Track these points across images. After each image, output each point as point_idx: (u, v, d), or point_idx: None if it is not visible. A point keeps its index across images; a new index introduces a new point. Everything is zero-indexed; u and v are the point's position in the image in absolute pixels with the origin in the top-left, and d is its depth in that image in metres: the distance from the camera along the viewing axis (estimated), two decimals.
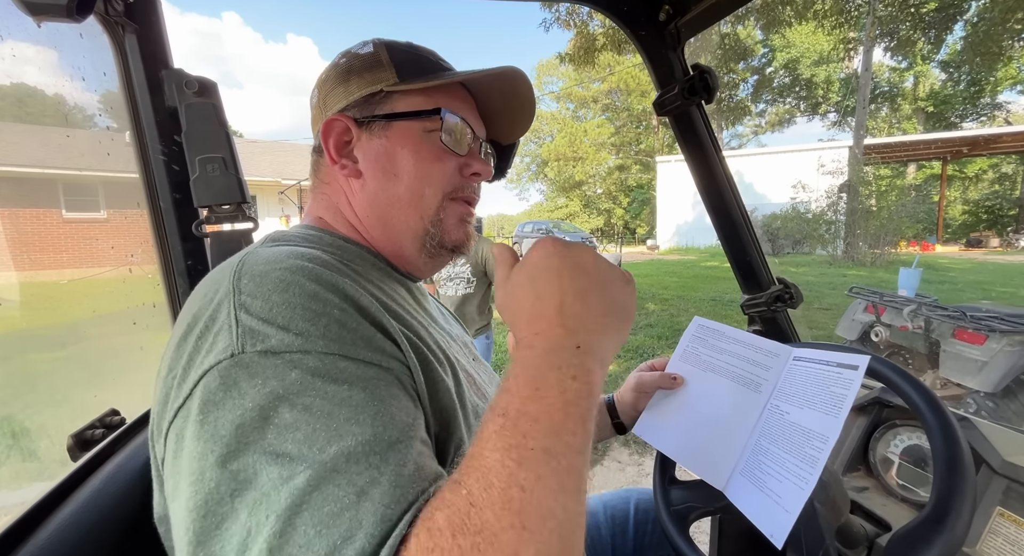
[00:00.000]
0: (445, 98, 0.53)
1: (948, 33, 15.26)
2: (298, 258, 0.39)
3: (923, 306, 2.88)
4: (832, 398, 0.54)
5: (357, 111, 0.52)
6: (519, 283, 0.40)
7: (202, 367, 0.33)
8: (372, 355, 0.37)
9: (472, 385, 0.52)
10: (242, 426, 0.31)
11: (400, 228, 0.53)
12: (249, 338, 0.33)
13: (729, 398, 0.64)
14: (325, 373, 0.33)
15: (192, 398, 0.33)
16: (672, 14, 0.83)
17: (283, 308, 0.35)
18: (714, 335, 0.70)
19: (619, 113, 32.60)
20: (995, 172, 24.60)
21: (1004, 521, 0.58)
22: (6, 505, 0.57)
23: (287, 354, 0.33)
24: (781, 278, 1.01)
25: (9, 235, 0.87)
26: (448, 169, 0.53)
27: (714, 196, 0.95)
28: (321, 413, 0.31)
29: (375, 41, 0.55)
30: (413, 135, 0.52)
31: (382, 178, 0.52)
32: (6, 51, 0.61)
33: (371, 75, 0.52)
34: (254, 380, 0.32)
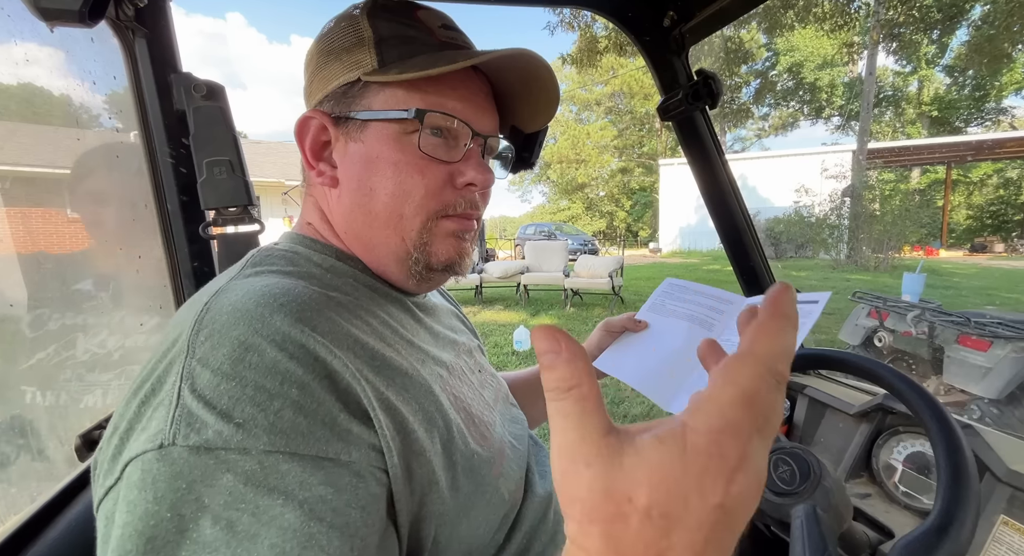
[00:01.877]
0: (438, 87, 0.43)
1: (952, 37, 15.24)
2: (268, 305, 0.34)
3: (927, 312, 2.87)
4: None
5: (334, 104, 0.44)
6: (646, 509, 0.18)
7: (131, 451, 0.29)
8: (328, 447, 0.31)
9: (471, 426, 0.46)
10: (153, 540, 0.26)
11: (380, 250, 0.46)
12: (183, 426, 0.29)
13: (684, 334, 0.69)
14: (261, 480, 0.29)
15: (119, 484, 0.29)
16: (676, 20, 0.84)
17: (232, 385, 0.30)
18: (682, 290, 0.77)
19: (622, 116, 32.62)
20: (1000, 177, 24.50)
21: (1008, 530, 0.58)
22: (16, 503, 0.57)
23: (222, 451, 0.29)
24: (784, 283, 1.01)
25: (17, 234, 0.88)
26: (434, 182, 0.44)
27: (717, 200, 0.95)
28: (245, 535, 0.27)
29: (363, 4, 0.45)
30: (391, 140, 0.43)
31: (357, 190, 0.44)
32: (19, 54, 0.62)
33: (349, 58, 0.43)
34: (177, 482, 0.28)
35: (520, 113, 0.53)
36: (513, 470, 0.50)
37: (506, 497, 0.46)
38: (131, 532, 0.27)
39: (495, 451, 0.47)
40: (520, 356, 4.29)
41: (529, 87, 0.48)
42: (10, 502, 0.59)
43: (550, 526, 0.51)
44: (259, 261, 0.43)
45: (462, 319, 0.69)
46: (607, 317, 0.80)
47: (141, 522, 0.27)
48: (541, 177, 36.64)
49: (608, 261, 6.85)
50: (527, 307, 6.75)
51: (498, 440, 0.50)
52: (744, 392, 0.19)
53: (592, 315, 6.16)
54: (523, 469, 0.53)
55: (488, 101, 0.48)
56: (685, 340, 0.68)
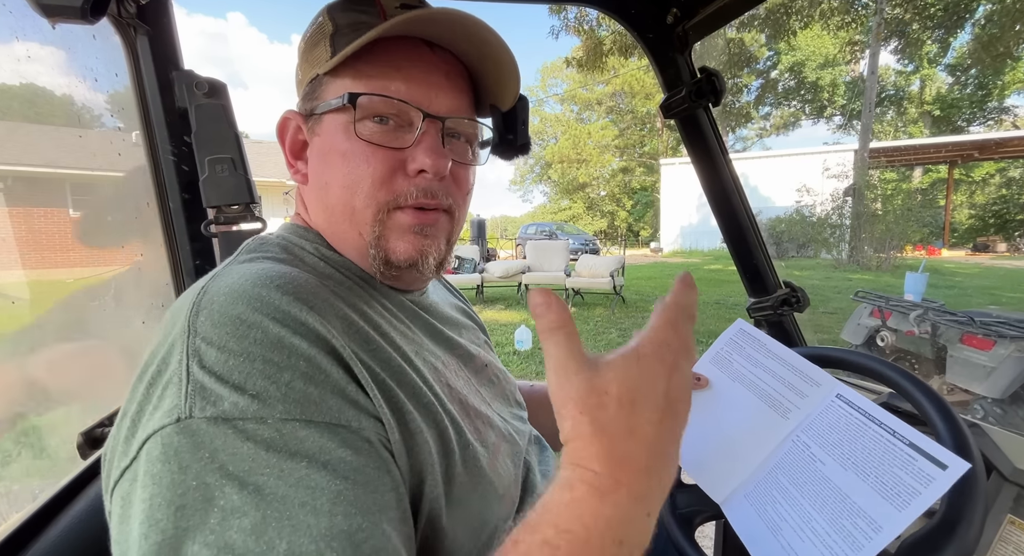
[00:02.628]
0: (382, 69, 0.41)
1: (955, 36, 15.21)
2: (266, 286, 0.34)
3: (930, 311, 2.86)
4: (898, 485, 0.45)
5: (303, 103, 0.45)
6: (616, 396, 0.29)
7: (147, 428, 0.30)
8: (340, 414, 0.32)
9: (465, 418, 0.46)
10: (182, 508, 0.27)
11: (346, 245, 0.46)
12: (199, 399, 0.29)
13: (751, 415, 0.59)
14: (282, 446, 0.29)
15: (137, 462, 0.29)
16: (680, 17, 0.83)
17: (241, 360, 0.31)
18: (753, 344, 0.64)
19: (623, 116, 32.60)
20: (1002, 176, 24.43)
21: (1015, 529, 0.57)
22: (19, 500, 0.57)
23: (240, 421, 0.29)
24: (788, 282, 1.01)
25: (19, 233, 0.88)
26: (381, 170, 0.42)
27: (721, 199, 0.94)
28: (273, 497, 0.27)
29: (322, 9, 0.45)
30: (339, 130, 0.42)
31: (315, 185, 0.45)
32: (21, 51, 0.62)
33: (312, 55, 0.44)
34: (199, 452, 0.28)
35: (489, 87, 0.49)
36: (509, 467, 0.49)
37: (501, 492, 0.46)
38: (160, 502, 0.27)
39: (491, 446, 0.47)
40: (521, 355, 4.28)
41: (485, 55, 0.45)
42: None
43: None
44: (254, 248, 0.44)
45: (470, 314, 0.67)
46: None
47: (169, 491, 0.27)
48: (542, 177, 36.65)
49: (609, 261, 6.84)
50: (528, 307, 6.74)
51: (495, 436, 0.49)
52: (672, 321, 0.32)
53: (593, 314, 6.16)
54: (520, 468, 0.52)
55: (447, 80, 0.45)
56: (749, 423, 0.58)
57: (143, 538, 0.27)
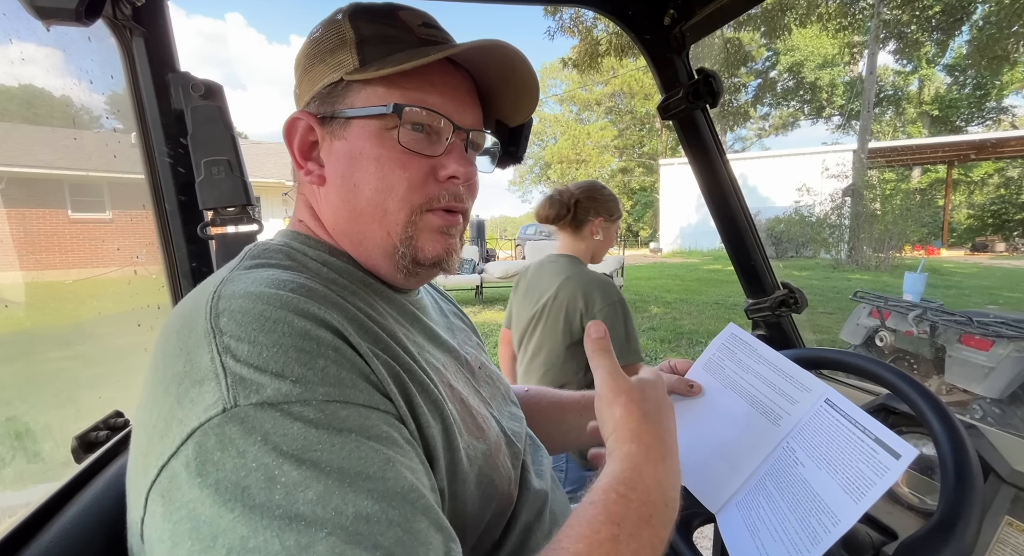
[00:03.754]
0: (417, 83, 0.44)
1: (954, 37, 15.25)
2: (278, 287, 0.36)
3: (928, 311, 2.86)
4: (858, 478, 0.48)
5: (319, 104, 0.46)
6: (652, 398, 0.45)
7: (189, 423, 0.30)
8: (371, 398, 0.34)
9: (467, 417, 0.47)
10: (247, 489, 0.28)
11: (368, 245, 0.47)
12: (242, 389, 0.30)
13: (744, 423, 0.60)
14: (328, 424, 0.31)
15: (178, 457, 0.30)
16: (677, 18, 0.83)
17: (274, 351, 0.32)
18: (744, 349, 0.65)
19: (622, 116, 32.62)
20: (1001, 176, 24.46)
21: (1012, 531, 0.57)
22: (11, 506, 0.57)
23: (286, 405, 0.30)
24: (785, 283, 1.01)
25: (16, 235, 0.88)
26: (416, 176, 0.45)
27: (718, 200, 0.94)
28: (331, 469, 0.29)
29: (338, 10, 0.47)
30: (372, 136, 0.44)
31: (343, 188, 0.46)
32: (15, 53, 0.62)
33: (333, 59, 0.45)
34: (253, 436, 0.29)
35: (503, 107, 0.53)
36: (508, 466, 0.50)
37: (501, 491, 0.47)
38: (227, 486, 0.28)
39: (491, 444, 0.48)
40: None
41: (508, 80, 0.49)
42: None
43: (546, 525, 0.51)
44: (257, 254, 0.45)
45: (461, 317, 0.68)
46: (658, 370, 0.69)
47: (233, 475, 0.28)
48: (542, 177, 36.66)
49: (608, 261, 6.84)
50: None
51: (494, 435, 0.50)
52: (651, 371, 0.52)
53: None
54: (519, 466, 0.53)
55: (470, 96, 0.49)
56: (743, 431, 0.59)
57: (217, 518, 0.28)
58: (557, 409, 0.75)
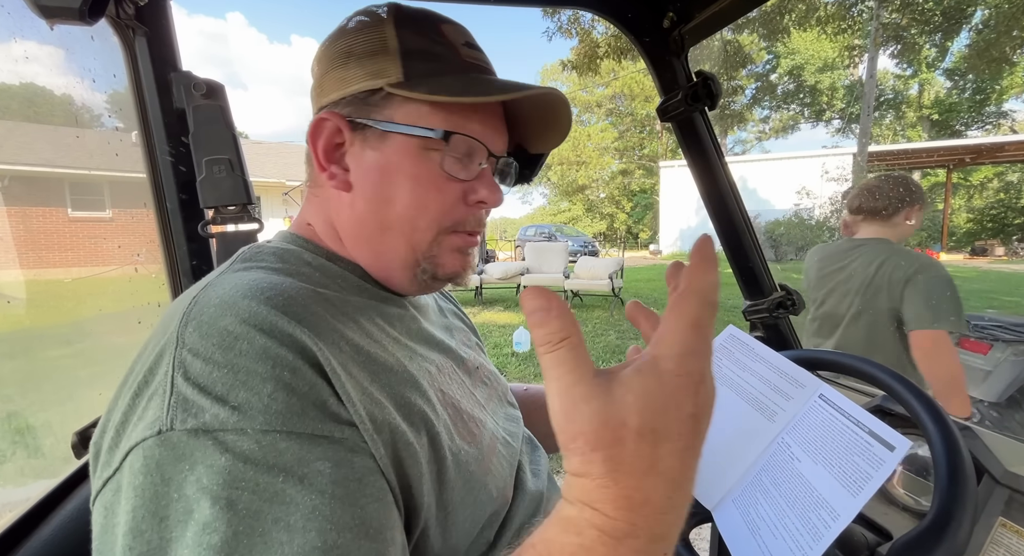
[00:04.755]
0: (461, 108, 0.44)
1: (953, 41, 15.29)
2: (255, 297, 0.35)
3: None
4: (855, 471, 0.48)
5: (352, 109, 0.44)
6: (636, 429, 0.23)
7: (131, 439, 0.30)
8: (323, 425, 0.32)
9: (459, 421, 0.46)
10: (165, 520, 0.27)
11: (389, 256, 0.46)
12: (180, 411, 0.30)
13: (739, 419, 0.60)
14: (260, 459, 0.29)
15: (121, 473, 0.30)
16: (676, 21, 0.84)
17: (224, 372, 0.31)
18: (742, 349, 0.65)
19: (623, 118, 32.67)
20: (1000, 181, 24.49)
21: (1006, 532, 0.58)
22: (12, 501, 0.57)
23: (220, 433, 0.29)
24: (783, 285, 1.01)
25: (17, 233, 0.88)
26: (449, 199, 0.45)
27: (716, 202, 0.95)
28: (247, 512, 0.27)
29: (377, 12, 0.45)
30: (411, 154, 0.44)
31: (372, 198, 0.45)
32: (19, 51, 0.62)
33: (372, 64, 0.43)
34: (179, 465, 0.28)
35: (529, 136, 0.53)
36: (503, 468, 0.50)
37: (495, 494, 0.46)
38: (144, 514, 0.28)
39: (484, 448, 0.48)
40: (520, 357, 4.28)
41: (545, 118, 0.50)
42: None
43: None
44: (249, 257, 0.44)
45: (461, 316, 0.68)
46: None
47: (152, 503, 0.28)
48: (541, 178, 36.65)
49: (608, 263, 6.85)
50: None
51: (488, 438, 0.50)
52: (694, 321, 0.24)
53: (592, 316, 6.16)
54: (514, 467, 0.52)
55: (502, 123, 0.49)
56: (738, 428, 0.59)
57: (128, 550, 0.27)
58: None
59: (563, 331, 0.24)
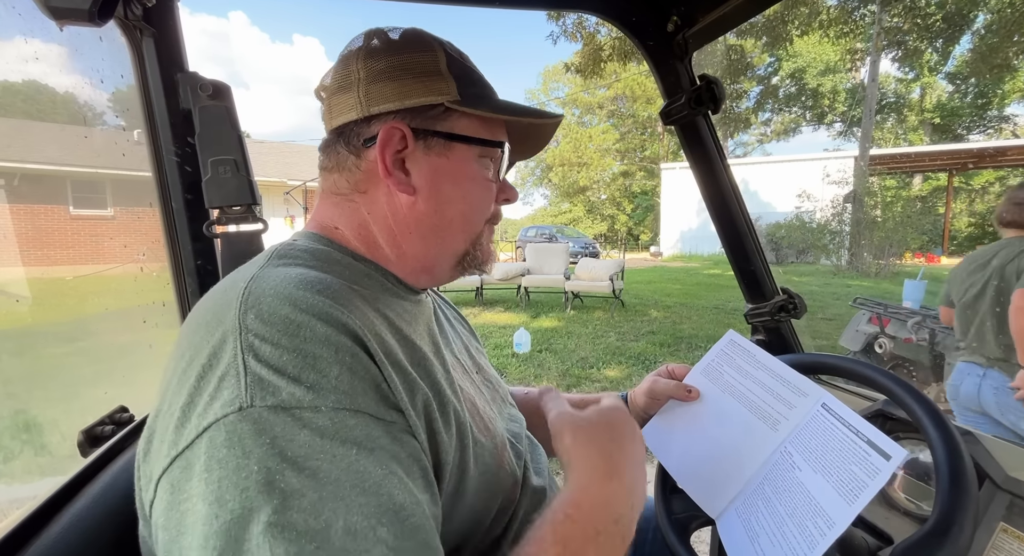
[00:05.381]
0: (496, 124, 0.53)
1: (955, 45, 15.29)
2: (307, 289, 0.38)
3: (928, 318, 2.87)
4: (851, 480, 0.48)
5: (413, 120, 0.48)
6: (598, 421, 0.48)
7: (206, 417, 0.32)
8: (380, 409, 0.35)
9: (476, 417, 0.50)
10: (247, 490, 0.29)
11: (443, 248, 0.52)
12: (259, 390, 0.32)
13: (742, 428, 0.60)
14: (334, 433, 0.32)
15: (193, 449, 0.31)
16: (680, 25, 0.84)
17: (294, 355, 0.33)
18: (743, 355, 0.65)
19: (624, 119, 32.67)
20: (1002, 185, 24.45)
21: (1007, 537, 0.58)
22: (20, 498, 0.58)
23: (297, 410, 0.32)
24: (785, 288, 1.02)
25: (24, 230, 0.89)
26: (492, 196, 0.54)
27: (719, 205, 0.95)
28: (327, 479, 0.30)
29: (426, 37, 0.51)
30: (471, 160, 0.51)
31: (437, 199, 0.50)
32: (29, 52, 0.63)
33: (431, 83, 0.48)
34: (261, 438, 0.30)
35: (513, 147, 0.59)
36: (513, 464, 0.53)
37: (505, 488, 0.50)
38: (228, 485, 0.29)
39: (498, 444, 0.51)
40: (520, 358, 4.28)
41: (529, 134, 0.57)
42: None
43: None
44: (284, 253, 0.46)
45: (462, 322, 0.71)
46: (655, 374, 0.73)
47: (235, 475, 0.29)
48: (543, 179, 36.69)
49: (609, 264, 6.85)
50: (527, 309, 6.75)
51: (500, 434, 0.52)
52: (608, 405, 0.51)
53: (592, 318, 6.16)
54: (521, 465, 0.55)
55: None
56: (741, 436, 0.59)
57: (213, 518, 0.29)
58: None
59: (554, 389, 0.52)
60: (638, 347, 4.70)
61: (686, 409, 0.65)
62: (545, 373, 3.88)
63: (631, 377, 3.82)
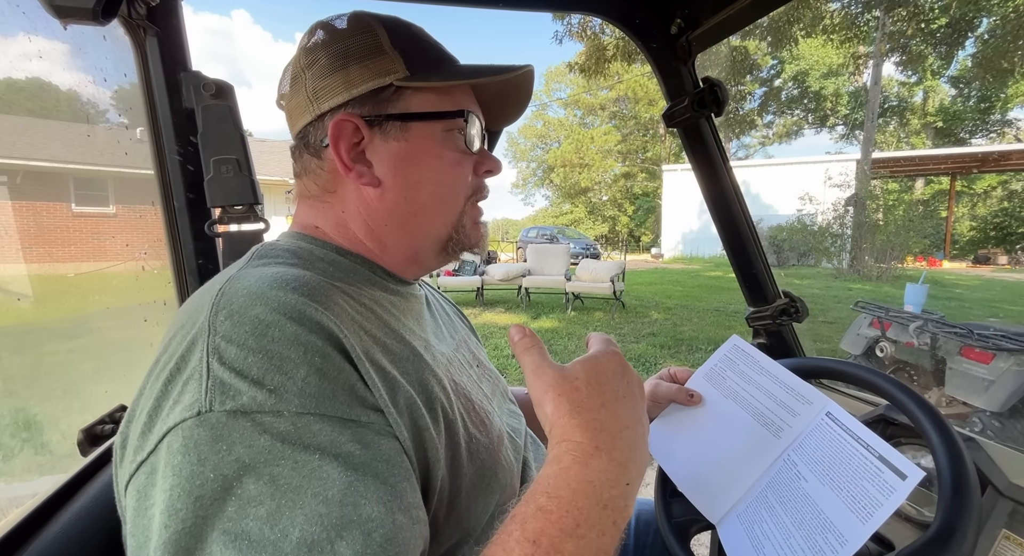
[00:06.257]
0: (461, 91, 0.49)
1: (959, 49, 15.28)
2: (282, 288, 0.36)
3: (929, 323, 2.86)
4: (864, 497, 0.47)
5: (364, 108, 0.46)
6: (585, 380, 0.37)
7: (167, 423, 0.31)
8: (351, 410, 0.34)
9: (471, 412, 0.48)
10: (201, 498, 0.28)
11: (422, 235, 0.50)
12: (219, 394, 0.31)
13: (744, 434, 0.59)
14: (296, 439, 0.31)
15: (156, 455, 0.31)
16: (683, 28, 0.84)
17: (259, 357, 0.32)
18: (746, 360, 0.64)
19: (626, 121, 32.67)
20: (1004, 189, 24.44)
21: (1009, 544, 0.57)
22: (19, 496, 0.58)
23: (257, 415, 0.30)
24: (787, 292, 1.01)
25: (27, 228, 0.89)
26: (467, 172, 0.50)
27: (721, 208, 0.95)
28: (288, 487, 0.29)
29: (364, 17, 0.48)
30: (434, 137, 0.47)
31: (404, 185, 0.47)
32: (32, 50, 0.63)
33: (375, 64, 0.45)
34: (218, 444, 0.29)
35: (489, 114, 0.56)
36: (511, 460, 0.51)
37: (504, 484, 0.48)
38: (179, 493, 0.28)
39: (494, 439, 0.49)
40: None
41: (506, 93, 0.54)
42: None
43: None
44: (264, 254, 0.45)
45: (462, 318, 0.70)
46: (657, 378, 0.71)
47: (188, 483, 0.28)
48: (544, 180, 36.71)
49: (610, 265, 6.84)
50: (528, 310, 6.75)
51: (497, 430, 0.51)
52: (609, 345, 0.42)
53: (593, 319, 6.15)
54: (520, 461, 0.54)
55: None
56: (743, 442, 0.58)
57: (163, 528, 0.28)
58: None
59: (532, 340, 0.40)
60: (639, 349, 4.70)
61: (688, 413, 0.65)
62: None
63: None
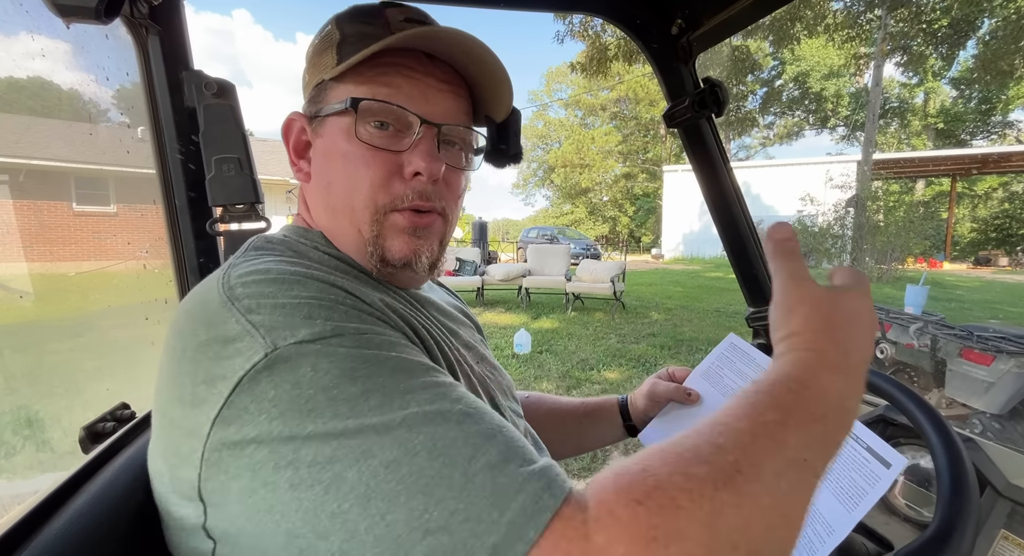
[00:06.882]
0: (386, 77, 0.43)
1: (960, 50, 15.28)
2: (286, 268, 0.37)
3: (930, 324, 2.86)
4: (851, 487, 0.48)
5: (308, 106, 0.48)
6: (846, 310, 0.36)
7: (234, 376, 0.30)
8: (391, 334, 0.36)
9: (487, 397, 0.50)
10: (312, 411, 0.29)
11: (346, 241, 0.47)
12: (279, 334, 0.31)
13: None
14: (369, 344, 0.32)
15: (230, 408, 0.30)
16: (684, 28, 0.84)
17: (296, 304, 0.33)
18: (743, 358, 0.65)
19: (627, 121, 32.69)
20: (1005, 190, 24.43)
21: (1008, 544, 0.58)
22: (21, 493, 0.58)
23: (323, 339, 0.31)
24: None
25: (29, 226, 0.89)
26: (379, 173, 0.44)
27: (721, 209, 0.95)
28: (385, 372, 0.31)
29: (336, 14, 0.47)
30: (341, 133, 0.44)
31: (320, 185, 0.47)
32: (35, 48, 0.63)
33: (320, 61, 0.46)
34: (302, 368, 0.30)
35: (487, 101, 0.51)
36: None
37: None
38: (293, 414, 0.29)
39: None
40: (520, 359, 4.28)
41: (482, 72, 0.47)
42: None
43: None
44: (260, 246, 0.45)
45: (465, 312, 0.69)
46: (656, 377, 0.72)
47: (295, 404, 0.29)
48: (545, 181, 36.72)
49: (610, 266, 6.84)
50: (528, 310, 6.75)
51: (509, 420, 0.52)
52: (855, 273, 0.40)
53: (593, 319, 6.15)
54: None
55: (446, 88, 0.46)
56: None
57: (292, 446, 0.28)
58: (556, 417, 0.76)
59: (791, 235, 0.39)
60: (638, 349, 4.70)
61: (686, 412, 0.65)
62: (545, 374, 3.88)
63: (631, 379, 3.82)
